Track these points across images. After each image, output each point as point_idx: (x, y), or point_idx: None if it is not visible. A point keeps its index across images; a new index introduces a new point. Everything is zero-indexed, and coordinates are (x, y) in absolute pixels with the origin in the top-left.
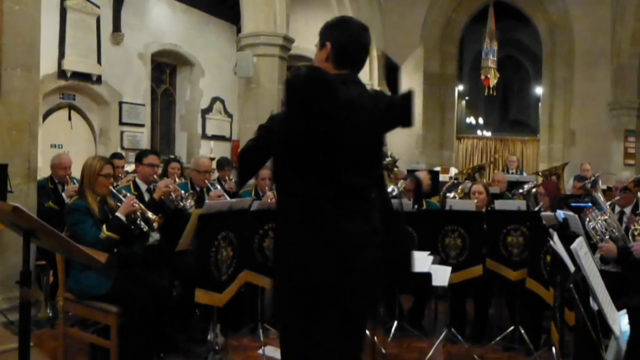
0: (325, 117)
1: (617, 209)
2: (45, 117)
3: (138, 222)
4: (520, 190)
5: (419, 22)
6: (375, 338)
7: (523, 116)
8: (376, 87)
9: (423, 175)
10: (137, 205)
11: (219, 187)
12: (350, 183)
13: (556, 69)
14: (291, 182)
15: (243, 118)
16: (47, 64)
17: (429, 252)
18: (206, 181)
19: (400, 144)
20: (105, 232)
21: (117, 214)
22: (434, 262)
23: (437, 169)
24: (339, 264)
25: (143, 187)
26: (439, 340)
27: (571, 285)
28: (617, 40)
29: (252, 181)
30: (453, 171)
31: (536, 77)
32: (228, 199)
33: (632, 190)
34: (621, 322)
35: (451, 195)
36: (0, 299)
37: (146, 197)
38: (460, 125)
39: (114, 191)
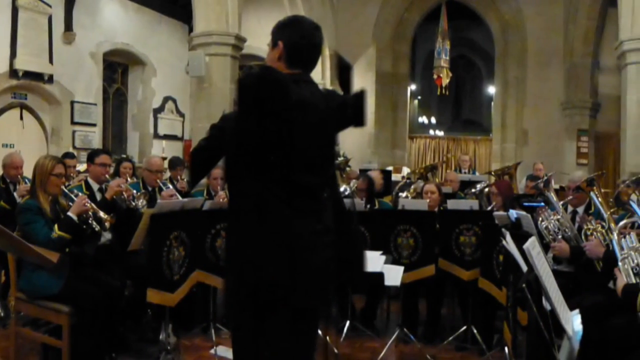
0: (277, 116)
1: (570, 208)
2: None
3: (90, 221)
4: (473, 190)
5: (371, 22)
6: (328, 338)
7: (475, 116)
8: (328, 86)
9: (375, 175)
10: (88, 204)
11: (170, 186)
12: (302, 182)
13: (509, 68)
14: (243, 182)
15: (195, 117)
16: None
17: (381, 252)
18: (158, 181)
19: (352, 143)
20: (57, 231)
21: (69, 213)
22: (386, 262)
23: (390, 168)
24: (291, 263)
25: (95, 186)
26: (391, 340)
27: (524, 285)
28: (569, 40)
29: (204, 181)
30: (405, 171)
31: (489, 76)
32: (180, 198)
33: (585, 190)
34: (574, 322)
35: (403, 194)
36: None
37: (98, 196)
38: (413, 125)
39: (66, 191)
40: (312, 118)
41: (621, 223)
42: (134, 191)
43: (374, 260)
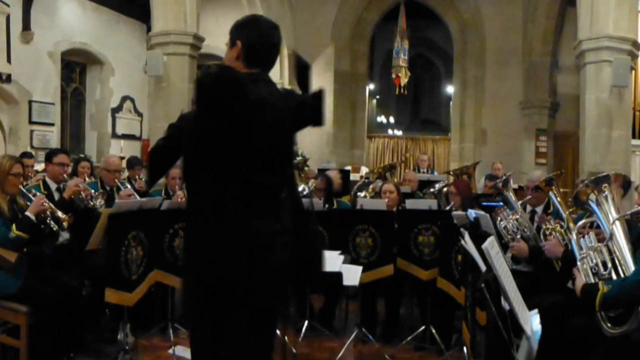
0: (236, 116)
1: (529, 208)
2: None
3: (48, 221)
4: (432, 190)
5: (330, 21)
6: (286, 338)
7: (434, 115)
8: (287, 86)
9: (334, 175)
10: (46, 204)
11: (129, 186)
12: (260, 182)
13: (467, 67)
14: (201, 182)
15: (153, 117)
16: None
17: (339, 252)
18: (116, 180)
19: (311, 143)
20: (14, 231)
21: (27, 213)
22: (344, 262)
23: (348, 168)
24: (249, 263)
25: (53, 186)
26: (349, 340)
27: (482, 285)
28: (528, 39)
29: (162, 180)
30: (364, 170)
31: (447, 76)
32: (138, 198)
33: (544, 190)
34: (533, 322)
35: (362, 194)
36: None
37: (56, 196)
38: (371, 124)
39: (24, 190)
40: (270, 118)
41: (580, 223)
42: (92, 191)
43: (333, 260)
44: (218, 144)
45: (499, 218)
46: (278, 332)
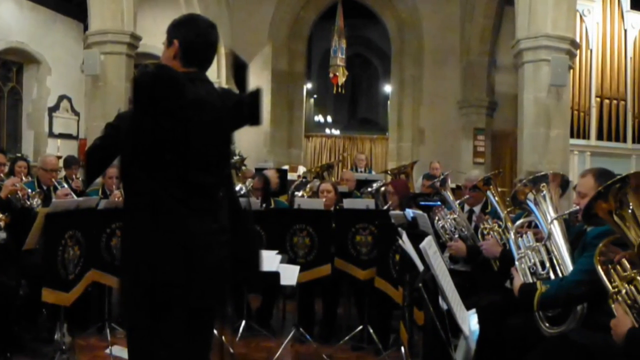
0: (173, 115)
1: (467, 207)
2: None
3: None
4: (369, 189)
5: (267, 20)
6: (223, 337)
7: (372, 114)
8: (224, 85)
9: (271, 174)
10: None
11: (66, 185)
12: (197, 182)
13: (405, 67)
14: (138, 181)
15: (90, 116)
16: None
17: (277, 251)
18: (53, 180)
19: (248, 142)
20: None
21: None
22: (282, 261)
23: (286, 167)
24: (187, 262)
25: None
26: (287, 340)
27: (420, 285)
28: (466, 38)
29: (99, 180)
30: (301, 170)
31: (385, 75)
32: (75, 197)
33: (482, 189)
34: (470, 322)
35: (299, 194)
36: None
37: None
38: (309, 124)
39: None
40: (207, 117)
41: (518, 222)
42: (29, 190)
43: (270, 260)
44: (155, 143)
45: (436, 217)
46: (215, 331)
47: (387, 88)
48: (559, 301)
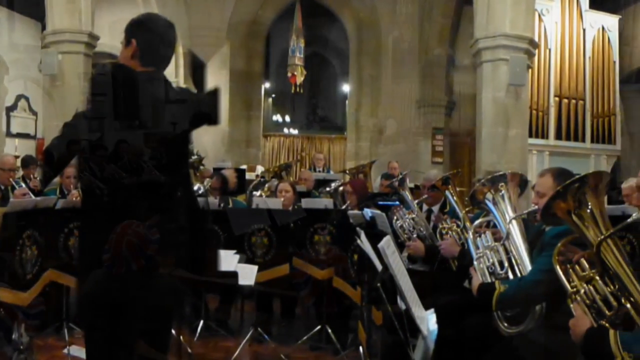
0: (130, 114)
1: (425, 207)
2: None
3: None
4: (328, 189)
5: (225, 20)
6: (181, 337)
7: (330, 114)
8: (182, 84)
9: (229, 174)
10: None
11: (23, 185)
12: (155, 181)
13: (363, 66)
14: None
15: (48, 116)
16: None
17: (235, 251)
18: (11, 179)
19: (206, 141)
20: None
21: None
22: (240, 261)
23: (244, 167)
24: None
25: None
26: (245, 340)
27: (378, 284)
28: (425, 38)
29: (57, 179)
30: (260, 169)
31: (343, 75)
32: (33, 197)
33: (440, 189)
34: (429, 321)
35: (258, 193)
36: None
37: None
38: (267, 123)
39: None
40: (165, 116)
41: (476, 222)
42: None
43: (228, 259)
44: (112, 143)
45: (395, 217)
46: (173, 331)
47: (346, 88)
48: (518, 301)
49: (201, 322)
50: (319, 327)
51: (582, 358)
